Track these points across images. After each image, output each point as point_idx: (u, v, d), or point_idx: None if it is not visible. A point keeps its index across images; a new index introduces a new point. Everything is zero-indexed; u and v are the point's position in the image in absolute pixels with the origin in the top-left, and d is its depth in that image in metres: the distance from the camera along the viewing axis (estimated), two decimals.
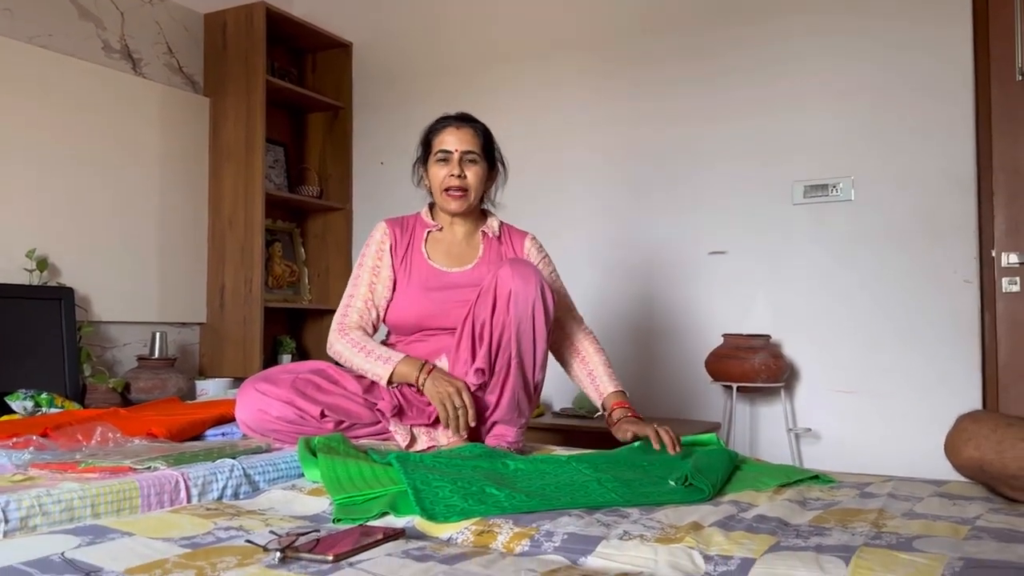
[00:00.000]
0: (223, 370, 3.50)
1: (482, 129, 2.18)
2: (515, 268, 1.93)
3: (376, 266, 2.17)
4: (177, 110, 3.50)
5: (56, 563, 1.07)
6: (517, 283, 1.90)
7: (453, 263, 2.18)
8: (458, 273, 2.16)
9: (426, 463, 1.67)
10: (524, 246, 2.25)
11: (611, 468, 1.77)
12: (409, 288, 2.14)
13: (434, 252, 2.19)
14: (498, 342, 1.93)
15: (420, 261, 2.17)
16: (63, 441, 1.80)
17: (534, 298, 1.91)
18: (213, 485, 1.57)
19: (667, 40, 3.30)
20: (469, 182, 2.13)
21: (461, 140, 2.13)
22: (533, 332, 1.93)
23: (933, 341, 2.82)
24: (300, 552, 1.13)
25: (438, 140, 2.16)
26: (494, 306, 1.92)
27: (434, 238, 2.21)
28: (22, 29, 2.97)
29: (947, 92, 2.82)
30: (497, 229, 2.24)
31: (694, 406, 3.20)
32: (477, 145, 2.14)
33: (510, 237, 2.25)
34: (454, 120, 2.17)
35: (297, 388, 2.00)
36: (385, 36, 3.98)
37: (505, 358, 1.94)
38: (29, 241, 2.91)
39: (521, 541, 1.27)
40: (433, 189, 2.18)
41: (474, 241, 2.22)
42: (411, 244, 2.19)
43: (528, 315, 1.91)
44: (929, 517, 1.39)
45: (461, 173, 2.12)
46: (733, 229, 3.15)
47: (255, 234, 3.48)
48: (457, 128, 2.14)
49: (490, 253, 2.20)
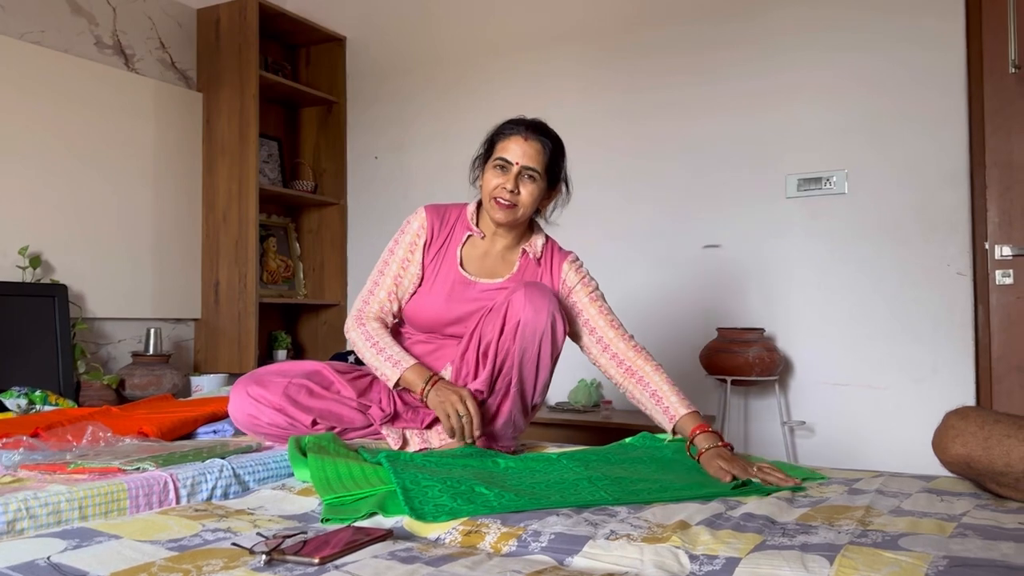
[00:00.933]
0: (218, 366, 3.50)
1: (551, 146, 2.00)
2: (529, 296, 1.85)
3: (406, 259, 2.06)
4: (170, 105, 3.49)
5: (42, 567, 1.07)
6: (528, 313, 1.83)
7: (484, 274, 2.07)
8: (485, 285, 2.05)
9: (416, 462, 1.68)
10: (562, 269, 2.09)
11: (602, 466, 1.77)
12: (432, 289, 2.05)
13: (468, 258, 2.07)
14: (500, 365, 1.89)
15: (451, 265, 2.06)
16: (54, 441, 1.80)
17: (543, 330, 1.85)
18: (202, 485, 1.57)
19: (661, 33, 3.29)
20: (521, 199, 1.97)
21: (525, 153, 1.96)
22: (537, 361, 1.89)
23: (927, 334, 2.82)
24: (286, 555, 1.13)
25: (501, 146, 1.98)
26: (502, 329, 1.87)
27: (472, 243, 2.08)
28: (14, 25, 2.96)
29: (940, 85, 2.82)
30: (539, 250, 2.10)
31: (689, 399, 3.20)
32: (541, 163, 1.97)
33: (550, 259, 2.11)
34: (525, 129, 1.99)
35: (289, 395, 1.98)
36: (379, 30, 3.96)
37: (505, 382, 1.91)
38: (22, 238, 2.90)
39: (508, 541, 1.27)
40: (484, 192, 2.01)
41: (512, 257, 2.09)
42: (448, 244, 2.07)
43: (534, 345, 1.86)
44: (916, 514, 1.39)
45: (515, 189, 1.95)
46: (727, 223, 3.15)
47: (249, 229, 3.48)
48: (525, 139, 1.96)
49: (523, 272, 2.08)
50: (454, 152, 2.21)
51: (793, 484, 1.64)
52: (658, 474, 1.72)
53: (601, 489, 1.56)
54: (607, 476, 1.66)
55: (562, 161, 2.06)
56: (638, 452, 1.96)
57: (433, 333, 2.08)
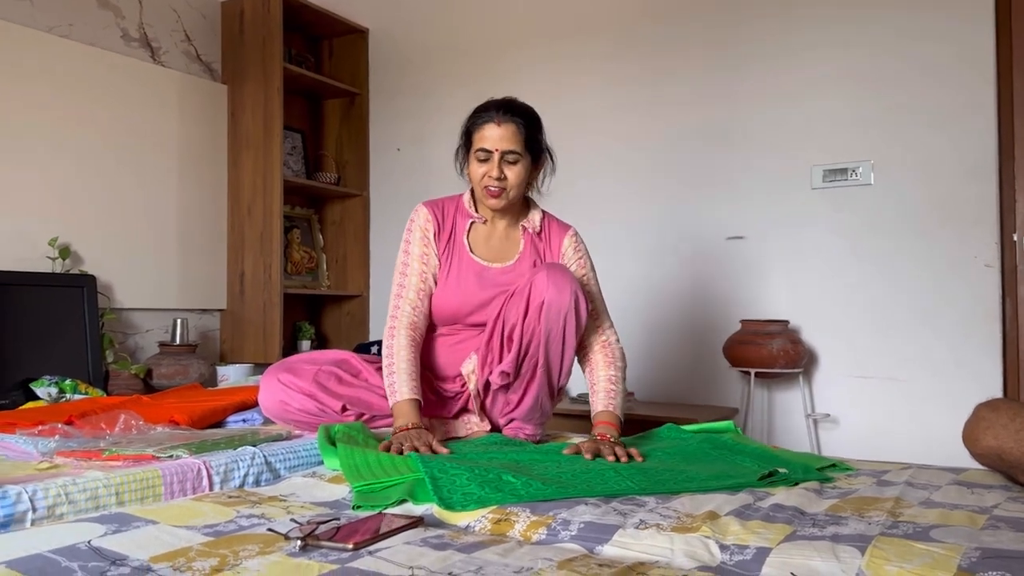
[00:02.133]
0: (244, 356, 3.53)
1: (525, 122, 2.02)
2: (551, 276, 1.87)
3: (424, 253, 2.07)
4: (195, 98, 3.51)
5: (83, 551, 1.09)
6: (551, 293, 1.85)
7: (494, 258, 2.10)
8: (498, 269, 2.08)
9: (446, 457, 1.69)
10: (563, 243, 2.13)
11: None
12: (450, 280, 2.06)
13: (476, 244, 2.11)
14: (526, 347, 1.91)
15: (463, 253, 2.08)
16: (87, 429, 1.83)
17: (567, 310, 1.87)
18: (235, 473, 1.59)
19: (686, 25, 3.28)
20: (509, 182, 2.00)
21: (502, 138, 1.98)
22: (563, 341, 1.91)
23: (953, 326, 2.80)
24: (320, 540, 1.14)
25: (478, 136, 2.01)
26: (526, 311, 1.89)
27: (475, 229, 2.12)
28: (42, 19, 2.99)
29: (968, 76, 2.79)
30: (538, 224, 2.14)
31: (711, 392, 3.20)
32: (519, 143, 1.99)
33: (550, 233, 2.15)
34: (495, 113, 1.99)
35: (319, 382, 2.02)
36: (401, 22, 3.97)
37: (532, 363, 1.92)
38: (51, 230, 2.94)
39: (538, 530, 1.28)
40: (472, 182, 2.06)
41: (514, 236, 2.13)
42: (453, 234, 2.10)
43: (559, 326, 1.88)
44: (947, 506, 1.39)
45: (500, 175, 1.99)
46: (751, 214, 3.14)
47: (274, 221, 3.50)
48: (498, 124, 1.98)
49: (529, 249, 2.12)
50: None
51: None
52: (684, 465, 1.72)
53: (627, 479, 1.56)
54: (633, 466, 1.66)
55: (539, 134, 2.07)
56: (663, 444, 1.96)
57: (455, 324, 2.10)
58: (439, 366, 2.10)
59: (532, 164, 2.06)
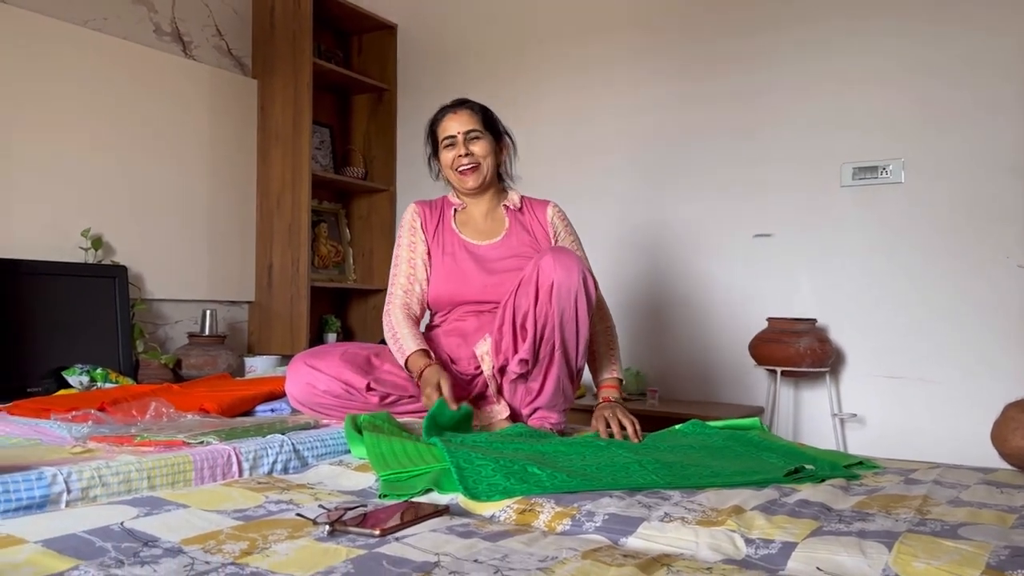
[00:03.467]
0: (271, 347, 3.57)
1: (479, 107, 2.26)
2: (557, 258, 1.92)
3: (412, 242, 2.25)
4: (226, 92, 3.55)
5: (116, 532, 1.11)
6: (560, 273, 1.89)
7: (482, 237, 2.25)
8: (488, 246, 2.23)
9: (467, 443, 1.70)
10: (547, 214, 2.29)
11: (652, 451, 1.78)
12: (445, 260, 2.21)
13: (463, 227, 2.27)
14: (541, 332, 1.93)
15: (452, 235, 2.24)
16: (119, 416, 1.86)
17: (576, 288, 1.90)
18: (264, 460, 1.61)
19: (714, 19, 3.26)
20: (478, 156, 2.21)
21: (461, 122, 2.21)
22: (576, 321, 1.93)
23: (982, 326, 2.77)
24: (348, 526, 1.16)
25: (441, 129, 2.25)
26: (536, 296, 1.92)
27: (461, 217, 2.29)
28: (77, 13, 3.03)
29: (1001, 72, 2.75)
30: (518, 202, 2.30)
31: (738, 390, 3.19)
32: (477, 123, 2.22)
33: (532, 208, 2.30)
34: (450, 107, 2.25)
35: (346, 360, 2.08)
36: (430, 18, 3.99)
37: (548, 348, 1.94)
38: (84, 221, 2.99)
39: (563, 520, 1.28)
40: (447, 174, 2.26)
41: (498, 215, 2.29)
42: (441, 221, 2.27)
43: (571, 305, 1.91)
44: (975, 505, 1.38)
45: (468, 151, 2.19)
46: (779, 211, 3.12)
47: (302, 215, 3.53)
48: (455, 113, 2.22)
49: (515, 225, 2.26)
50: None
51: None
52: (708, 460, 1.72)
53: (652, 472, 1.57)
54: (657, 460, 1.66)
55: (495, 117, 2.29)
56: (688, 439, 1.96)
57: (461, 305, 2.17)
58: (452, 349, 2.15)
59: (496, 144, 2.26)
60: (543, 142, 3.55)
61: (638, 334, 3.37)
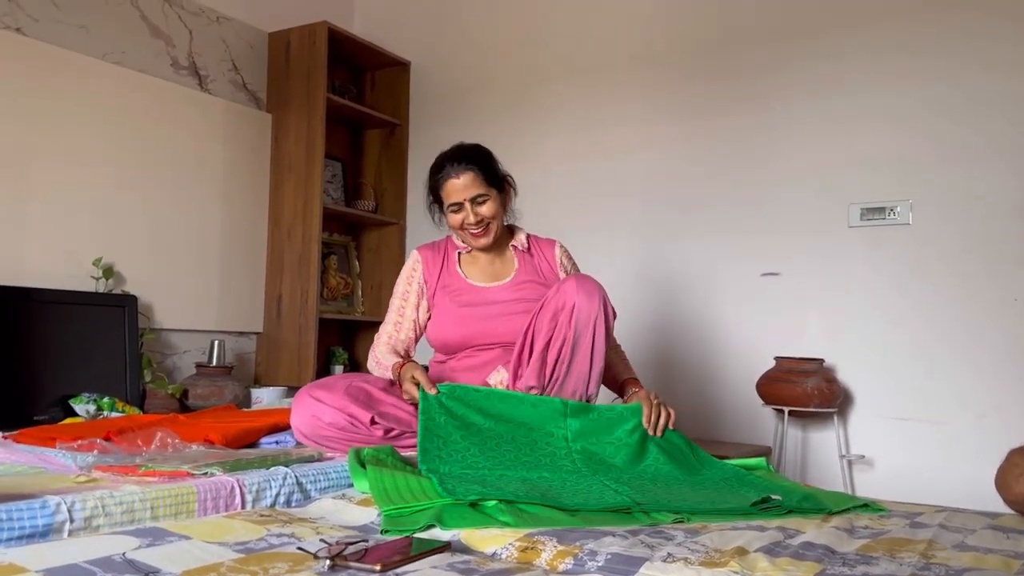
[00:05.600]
0: (278, 379, 3.57)
1: (481, 164, 2.17)
2: (580, 283, 1.96)
3: (406, 292, 2.28)
4: (241, 125, 3.60)
5: (117, 563, 1.11)
6: (581, 298, 1.93)
7: (489, 279, 2.24)
8: (497, 288, 2.22)
9: (467, 477, 1.73)
10: (555, 254, 2.30)
11: (635, 481, 1.80)
12: (450, 307, 2.20)
13: (470, 271, 2.26)
14: (556, 354, 1.96)
15: (458, 280, 2.23)
16: (124, 445, 1.87)
17: (596, 315, 1.93)
18: (267, 492, 1.61)
19: (721, 57, 3.30)
20: (486, 218, 2.18)
21: (465, 188, 2.14)
22: (592, 347, 1.96)
23: (991, 369, 2.76)
24: (349, 561, 1.16)
25: (444, 193, 2.19)
26: (555, 319, 1.94)
27: (467, 259, 2.28)
28: (97, 46, 3.09)
29: (1010, 114, 2.77)
30: (525, 241, 2.30)
31: (744, 429, 3.17)
32: (481, 185, 2.16)
33: (539, 247, 2.31)
34: (451, 167, 2.16)
35: (350, 394, 2.07)
36: (442, 55, 4.04)
37: (562, 369, 1.97)
38: (96, 250, 3.02)
39: (565, 559, 1.28)
40: (453, 232, 2.26)
41: (507, 256, 2.28)
42: (445, 265, 2.27)
43: (588, 331, 1.94)
44: (981, 550, 1.36)
45: (477, 217, 2.17)
46: (787, 250, 3.13)
47: (312, 246, 3.56)
48: (457, 176, 2.15)
49: (524, 266, 2.25)
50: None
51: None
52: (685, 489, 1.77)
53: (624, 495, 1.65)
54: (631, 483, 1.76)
55: (496, 166, 2.23)
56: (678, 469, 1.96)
57: (469, 348, 2.17)
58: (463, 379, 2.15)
59: (500, 194, 2.22)
60: (550, 178, 3.58)
61: (644, 371, 3.35)
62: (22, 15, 2.86)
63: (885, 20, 2.99)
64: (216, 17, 3.54)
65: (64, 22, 2.98)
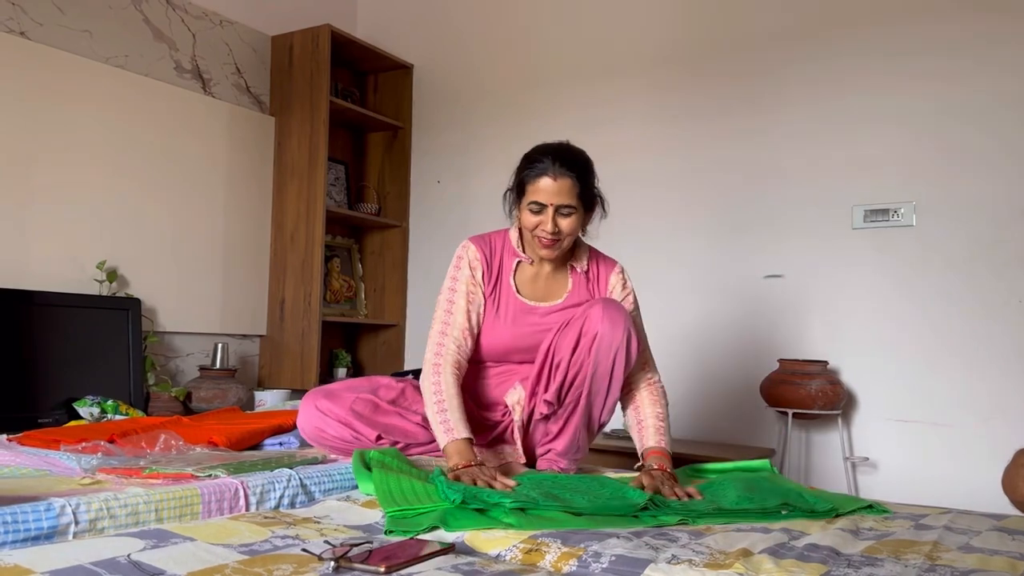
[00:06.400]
0: (281, 381, 3.58)
1: (581, 175, 1.96)
2: (607, 310, 1.88)
3: (471, 291, 2.04)
4: (244, 128, 3.61)
5: (122, 564, 1.11)
6: (605, 326, 1.87)
7: (540, 298, 2.08)
8: (546, 308, 2.07)
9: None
10: (610, 281, 2.13)
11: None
12: (497, 320, 2.05)
13: (522, 284, 2.09)
14: (572, 379, 1.92)
15: (509, 293, 2.07)
16: (129, 448, 1.87)
17: (619, 345, 1.88)
18: (271, 494, 1.61)
19: (724, 59, 3.30)
20: (563, 234, 1.97)
21: (558, 193, 1.92)
22: (610, 376, 1.91)
23: (995, 370, 2.75)
24: (353, 563, 1.16)
25: (532, 188, 1.95)
26: (577, 342, 1.90)
27: (522, 268, 2.09)
28: (100, 50, 3.10)
29: (1015, 116, 2.77)
30: (586, 263, 2.13)
31: (748, 431, 3.17)
32: (573, 197, 1.94)
33: (598, 270, 2.15)
34: (551, 165, 1.94)
35: (355, 410, 2.03)
36: (445, 58, 4.05)
37: (575, 395, 1.93)
38: (100, 253, 3.02)
39: (569, 561, 1.28)
40: (524, 228, 2.02)
41: (562, 276, 2.12)
42: (500, 273, 2.08)
43: (608, 360, 1.89)
44: (986, 551, 1.36)
45: (555, 228, 1.95)
46: (790, 252, 3.12)
47: (315, 249, 3.56)
48: (554, 178, 1.92)
49: (578, 289, 2.10)
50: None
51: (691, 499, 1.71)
52: None
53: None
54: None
55: (593, 181, 2.03)
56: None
57: (505, 361, 2.11)
58: (483, 395, 2.11)
59: (586, 213, 2.02)
60: None
61: None
62: (26, 19, 2.87)
63: (887, 22, 2.99)
64: (219, 21, 3.54)
65: (68, 26, 2.99)
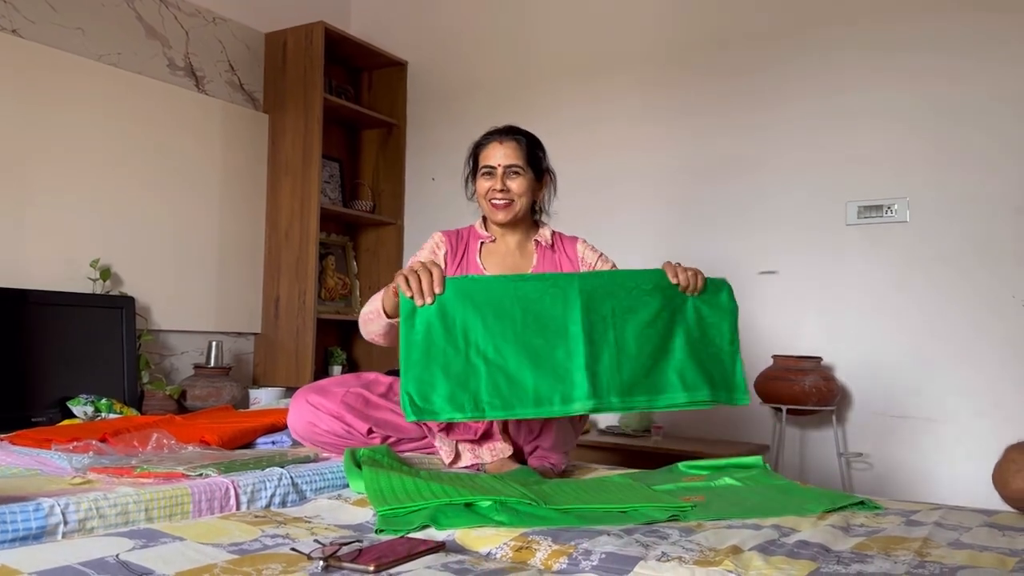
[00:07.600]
0: (276, 379, 3.57)
1: (527, 141, 2.17)
2: None
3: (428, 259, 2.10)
4: (238, 126, 3.60)
5: (111, 564, 1.11)
6: None
7: (507, 271, 2.15)
8: None
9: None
10: (577, 250, 2.23)
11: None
12: None
13: (488, 262, 2.18)
14: None
15: (475, 269, 2.16)
16: (120, 447, 1.87)
17: None
18: (262, 493, 1.61)
19: (718, 59, 3.30)
20: (513, 193, 2.12)
21: (505, 154, 2.12)
22: None
23: (989, 366, 2.76)
24: (342, 561, 1.15)
25: (483, 155, 2.16)
26: None
27: (488, 249, 2.21)
28: (93, 47, 3.09)
29: (1010, 112, 2.77)
30: (549, 238, 2.23)
31: (742, 427, 3.17)
32: (521, 158, 2.13)
33: (562, 243, 2.25)
34: (498, 134, 2.17)
35: (347, 403, 2.05)
36: (440, 55, 4.04)
37: None
38: (93, 251, 3.02)
39: (559, 559, 1.28)
40: (480, 201, 2.19)
41: (527, 250, 2.22)
42: (466, 255, 2.19)
43: None
44: (976, 547, 1.36)
45: (504, 187, 2.11)
46: (784, 249, 3.13)
47: (310, 247, 3.56)
48: (501, 143, 2.14)
49: (544, 261, 2.19)
50: None
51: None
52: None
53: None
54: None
55: (541, 153, 2.21)
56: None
57: None
58: None
59: (536, 181, 2.18)
60: None
61: None
62: (18, 17, 2.86)
63: (882, 18, 2.99)
64: (212, 18, 3.53)
65: (60, 24, 2.98)
